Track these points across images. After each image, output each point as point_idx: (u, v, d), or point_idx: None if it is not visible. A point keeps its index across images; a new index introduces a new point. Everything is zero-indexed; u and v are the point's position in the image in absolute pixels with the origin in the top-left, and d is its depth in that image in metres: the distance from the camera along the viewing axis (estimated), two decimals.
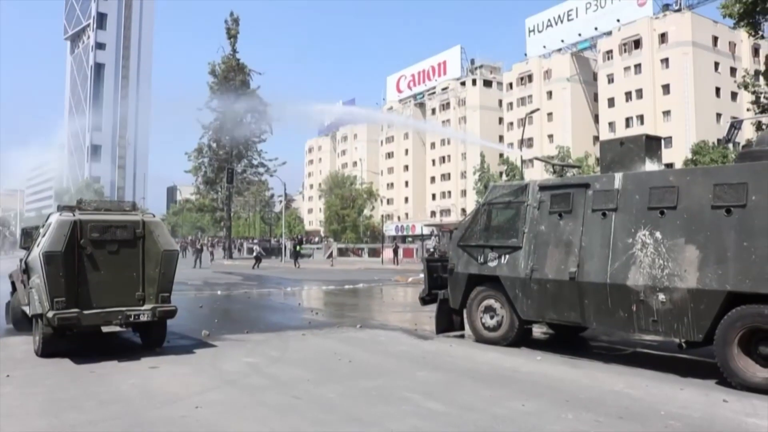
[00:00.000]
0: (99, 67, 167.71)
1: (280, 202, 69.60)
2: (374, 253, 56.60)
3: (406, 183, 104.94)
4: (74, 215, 9.59)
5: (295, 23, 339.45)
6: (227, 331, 12.25)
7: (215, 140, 59.93)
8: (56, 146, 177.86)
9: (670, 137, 60.98)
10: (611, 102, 72.74)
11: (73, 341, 9.92)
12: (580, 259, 9.22)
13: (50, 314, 9.02)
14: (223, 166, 57.78)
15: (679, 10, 68.49)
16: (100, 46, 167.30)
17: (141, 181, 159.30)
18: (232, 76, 58.77)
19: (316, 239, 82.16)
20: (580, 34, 78.50)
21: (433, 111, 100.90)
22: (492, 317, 10.71)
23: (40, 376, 8.30)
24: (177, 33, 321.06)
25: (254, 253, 43.62)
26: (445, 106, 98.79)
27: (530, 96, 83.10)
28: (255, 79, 60.84)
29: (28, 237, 11.49)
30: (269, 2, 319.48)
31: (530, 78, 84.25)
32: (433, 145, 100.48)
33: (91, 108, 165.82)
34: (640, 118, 68.34)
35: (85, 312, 9.25)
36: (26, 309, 10.47)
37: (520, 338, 10.57)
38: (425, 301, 12.23)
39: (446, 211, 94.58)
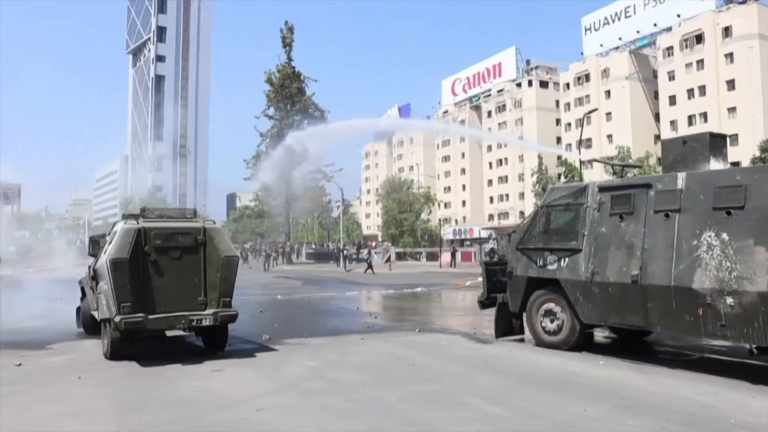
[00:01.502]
0: (159, 79, 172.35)
1: (338, 207, 70.10)
2: (432, 257, 56.51)
3: (464, 186, 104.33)
4: (138, 223, 9.86)
5: (349, 29, 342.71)
6: (288, 335, 12.39)
7: (273, 147, 60.77)
8: (120, 157, 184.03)
9: (736, 135, 59.00)
10: (672, 100, 70.83)
11: (139, 345, 10.19)
12: (643, 262, 9.01)
13: (117, 319, 9.30)
14: (281, 172, 58.48)
15: (744, 2, 66.25)
16: (160, 58, 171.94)
17: (202, 188, 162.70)
18: (288, 84, 59.59)
19: (374, 244, 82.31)
20: (638, 31, 76.65)
21: (489, 113, 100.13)
22: (552, 321, 10.56)
23: (109, 378, 8.56)
24: (234, 43, 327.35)
25: (366, 258, 43.36)
26: (501, 108, 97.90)
27: (588, 96, 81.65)
28: (310, 86, 61.56)
29: (96, 245, 11.88)
30: (323, 10, 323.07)
31: (587, 77, 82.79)
32: (490, 147, 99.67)
33: (152, 119, 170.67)
34: (704, 115, 66.37)
35: (151, 316, 9.50)
36: (95, 314, 10.84)
37: (581, 342, 10.38)
38: (484, 304, 12.14)
39: (504, 214, 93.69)
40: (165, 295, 9.75)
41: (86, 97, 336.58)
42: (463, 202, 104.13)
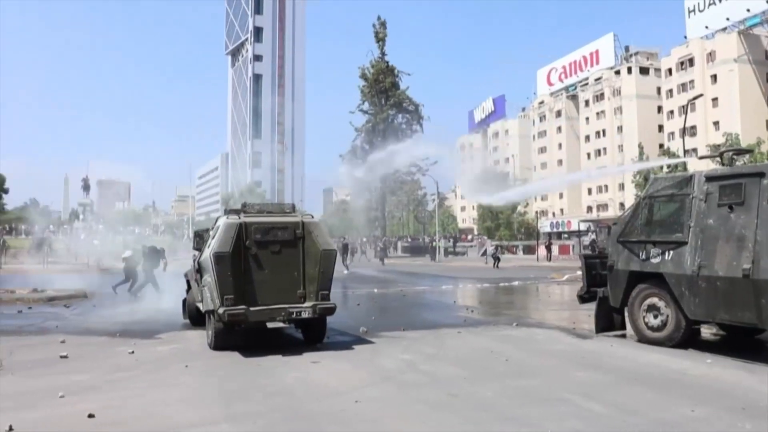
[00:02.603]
0: (257, 78, 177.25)
1: (433, 200, 70.03)
2: (529, 250, 55.68)
3: None
4: (240, 218, 10.18)
5: (442, 21, 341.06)
6: (384, 328, 12.50)
7: (368, 142, 61.42)
8: (221, 155, 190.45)
9: None
10: None
11: (241, 336, 10.53)
12: (755, 255, 8.55)
13: (221, 310, 9.65)
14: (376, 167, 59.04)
15: None
16: (257, 58, 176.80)
17: (299, 183, 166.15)
18: (382, 79, 60.00)
19: (470, 237, 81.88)
20: (748, 10, 72.13)
21: (587, 103, 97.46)
22: (656, 316, 10.19)
23: (213, 368, 8.90)
24: (327, 39, 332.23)
25: (490, 253, 42.83)
26: (599, 97, 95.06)
27: (692, 81, 78.02)
28: (404, 80, 61.76)
29: (200, 239, 12.35)
30: (416, 3, 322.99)
31: (691, 62, 79.11)
32: (587, 138, 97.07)
33: (250, 117, 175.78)
34: None
35: (252, 309, 9.80)
36: (200, 305, 11.30)
37: (687, 339, 9.96)
38: (583, 299, 11.86)
39: (603, 206, 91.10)
40: (265, 288, 10.03)
41: (189, 98, 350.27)
42: (561, 194, 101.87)
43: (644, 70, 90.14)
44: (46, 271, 31.58)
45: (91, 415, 6.28)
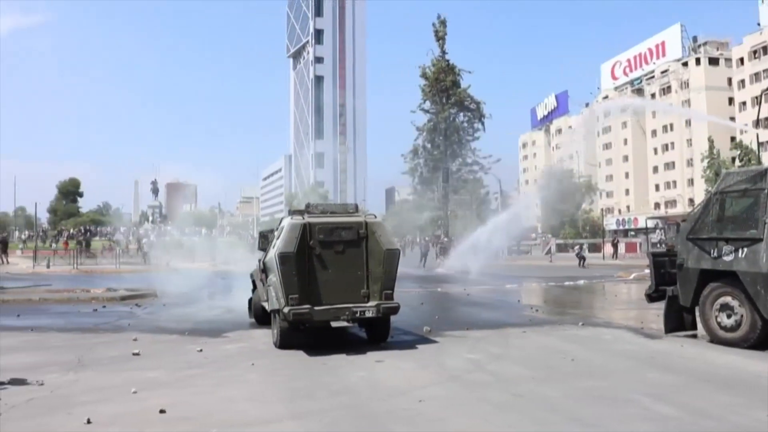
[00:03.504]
0: (318, 80, 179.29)
1: (496, 199, 69.41)
2: (595, 248, 54.62)
3: (627, 174, 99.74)
4: (304, 218, 10.31)
5: (502, 18, 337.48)
6: (448, 328, 12.47)
7: (430, 141, 61.36)
8: (284, 156, 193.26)
9: None
10: None
11: (306, 335, 10.66)
12: None
13: (286, 310, 9.80)
14: (438, 165, 59.06)
15: None
16: (318, 60, 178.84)
17: (361, 183, 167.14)
18: (443, 77, 59.81)
19: (533, 235, 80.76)
20: None
21: (653, 96, 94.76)
22: (729, 316, 9.86)
23: (279, 366, 9.04)
24: (387, 39, 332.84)
25: (575, 252, 41.94)
26: (666, 90, 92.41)
27: (766, 70, 75.06)
28: (465, 78, 61.40)
29: (265, 239, 12.56)
30: (475, 1, 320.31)
31: (765, 50, 76.06)
32: (654, 132, 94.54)
33: (313, 118, 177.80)
34: None
35: (316, 308, 9.92)
36: (265, 305, 11.50)
37: (763, 340, 9.59)
38: (652, 298, 11.59)
39: (671, 202, 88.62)
40: (329, 288, 10.13)
41: (253, 101, 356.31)
42: (627, 191, 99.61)
43: (714, 61, 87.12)
44: (119, 271, 32.66)
45: (162, 411, 6.47)
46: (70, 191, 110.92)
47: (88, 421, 6.12)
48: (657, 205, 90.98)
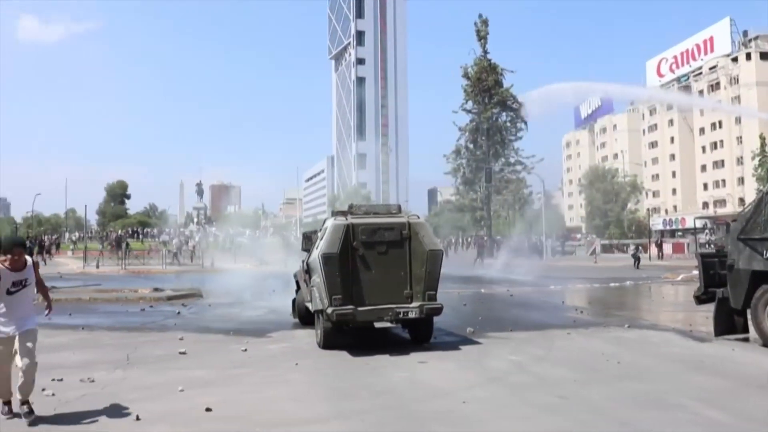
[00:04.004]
0: (360, 81, 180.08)
1: (539, 199, 68.79)
2: (641, 248, 53.65)
3: (673, 173, 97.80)
4: (347, 219, 10.36)
5: (544, 16, 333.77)
6: (491, 329, 12.39)
7: (472, 141, 61.11)
8: (327, 157, 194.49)
9: None
10: None
11: (349, 335, 10.70)
12: None
13: (329, 310, 9.85)
14: (480, 166, 58.78)
15: None
16: (360, 61, 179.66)
17: (403, 184, 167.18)
18: (485, 77, 59.56)
19: (578, 236, 79.78)
20: None
21: (701, 93, 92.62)
22: None
23: (322, 366, 9.10)
24: (428, 38, 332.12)
25: (630, 253, 41.07)
26: (714, 86, 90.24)
27: None
28: (507, 77, 61.04)
29: (308, 240, 12.64)
30: (517, 0, 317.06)
31: None
32: (702, 130, 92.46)
33: (355, 119, 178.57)
34: None
35: (360, 309, 9.95)
36: (309, 305, 11.58)
37: None
38: (701, 300, 11.33)
39: (720, 202, 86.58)
40: (372, 288, 10.15)
41: (296, 103, 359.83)
42: (674, 190, 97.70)
43: (765, 56, 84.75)
44: (165, 271, 33.23)
45: (208, 409, 6.57)
46: (118, 193, 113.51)
47: (137, 418, 6.25)
48: (705, 205, 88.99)
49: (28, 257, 6.32)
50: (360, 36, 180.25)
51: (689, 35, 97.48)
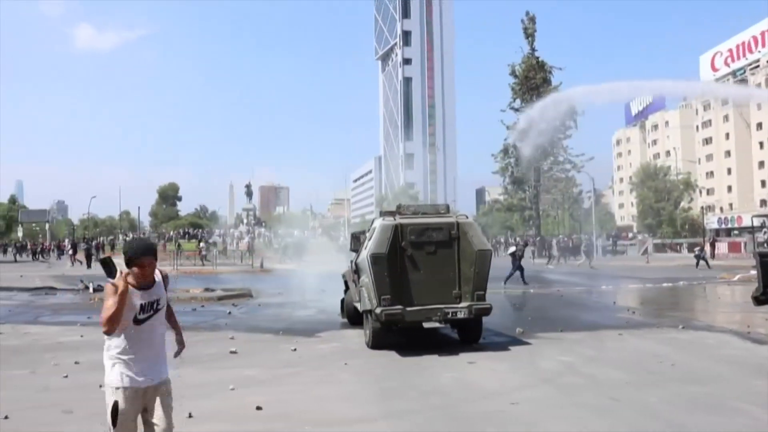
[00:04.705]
0: (407, 81, 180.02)
1: (589, 198, 67.81)
2: (695, 248, 52.42)
3: (729, 170, 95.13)
4: (395, 220, 10.37)
5: (593, 10, 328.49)
6: (541, 329, 12.26)
7: (520, 140, 60.55)
8: (374, 158, 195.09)
9: None
10: None
11: (398, 335, 10.71)
12: None
13: (378, 310, 9.87)
14: (529, 165, 58.19)
15: None
16: (406, 61, 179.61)
17: (451, 184, 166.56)
18: (533, 75, 59.03)
19: (629, 235, 78.35)
20: None
21: (758, 86, 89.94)
22: None
23: (371, 366, 9.13)
24: (475, 37, 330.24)
25: (696, 253, 39.58)
26: None
27: None
28: (556, 75, 60.33)
29: (357, 241, 12.69)
30: None
31: None
32: (759, 125, 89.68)
33: (402, 119, 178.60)
34: None
35: (408, 309, 9.95)
36: (357, 305, 11.62)
37: None
38: (759, 300, 10.98)
39: None
40: (421, 289, 10.14)
41: (343, 105, 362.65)
42: (729, 188, 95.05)
43: None
44: (215, 272, 33.75)
45: (259, 408, 6.65)
46: (169, 195, 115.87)
47: (190, 416, 6.37)
48: (763, 203, 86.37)
49: (158, 269, 4.23)
50: (406, 36, 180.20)
51: (745, 28, 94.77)
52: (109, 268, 3.86)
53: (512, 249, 26.16)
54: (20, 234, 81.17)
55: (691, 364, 8.91)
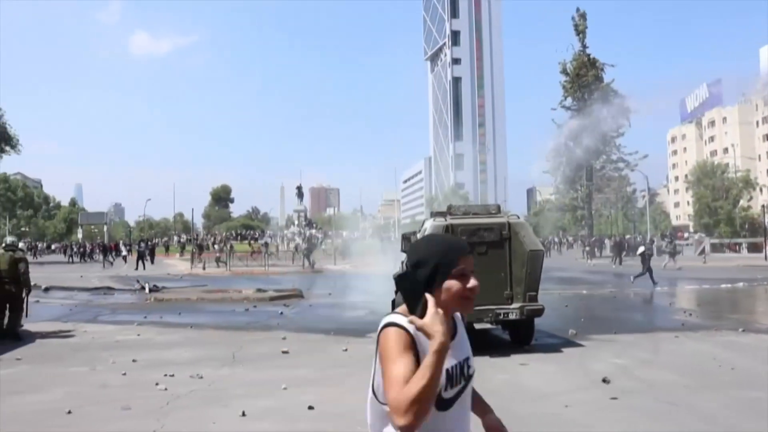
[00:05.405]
0: (456, 81, 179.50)
1: (643, 197, 66.48)
2: (755, 248, 50.93)
3: None
4: (446, 220, 10.34)
5: (644, 5, 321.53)
6: (594, 331, 12.08)
7: (572, 139, 59.64)
8: (424, 159, 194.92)
9: None
10: None
11: None
12: None
13: None
14: (581, 164, 57.27)
15: None
16: (455, 61, 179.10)
17: (502, 184, 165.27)
18: (584, 72, 58.01)
19: (686, 235, 76.55)
20: None
21: None
22: None
23: None
24: (524, 35, 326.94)
25: None
26: None
27: None
28: (608, 72, 59.23)
29: (408, 242, 12.69)
30: None
31: None
32: None
33: (451, 119, 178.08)
34: None
35: None
36: None
37: None
38: None
39: None
40: None
41: (394, 106, 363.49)
42: None
43: None
44: (267, 273, 34.18)
45: (311, 407, 6.72)
46: (222, 197, 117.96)
47: (243, 414, 6.47)
48: None
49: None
50: (455, 36, 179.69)
51: None
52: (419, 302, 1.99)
53: (641, 249, 25.94)
54: (80, 235, 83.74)
55: (751, 368, 8.65)
